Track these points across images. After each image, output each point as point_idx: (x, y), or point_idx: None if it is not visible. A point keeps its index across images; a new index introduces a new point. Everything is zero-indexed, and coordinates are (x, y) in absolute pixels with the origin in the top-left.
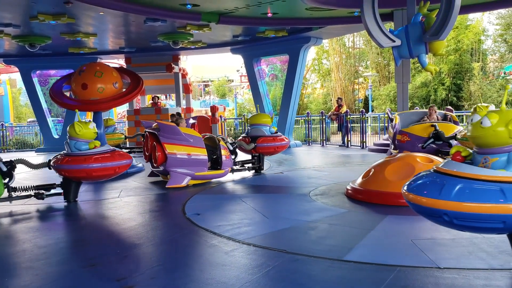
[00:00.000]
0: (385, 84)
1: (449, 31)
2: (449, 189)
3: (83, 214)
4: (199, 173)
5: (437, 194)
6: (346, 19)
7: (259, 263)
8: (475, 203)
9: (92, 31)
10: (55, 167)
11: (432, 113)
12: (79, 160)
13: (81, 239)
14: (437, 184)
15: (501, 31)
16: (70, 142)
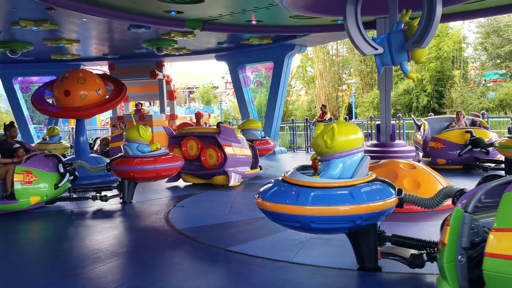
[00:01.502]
0: (368, 91)
1: (431, 39)
2: (305, 196)
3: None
4: (247, 172)
5: (297, 201)
6: (329, 27)
7: (244, 271)
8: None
9: (75, 37)
10: (121, 169)
11: (460, 118)
12: (150, 161)
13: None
14: (290, 193)
15: (481, 39)
16: (130, 145)
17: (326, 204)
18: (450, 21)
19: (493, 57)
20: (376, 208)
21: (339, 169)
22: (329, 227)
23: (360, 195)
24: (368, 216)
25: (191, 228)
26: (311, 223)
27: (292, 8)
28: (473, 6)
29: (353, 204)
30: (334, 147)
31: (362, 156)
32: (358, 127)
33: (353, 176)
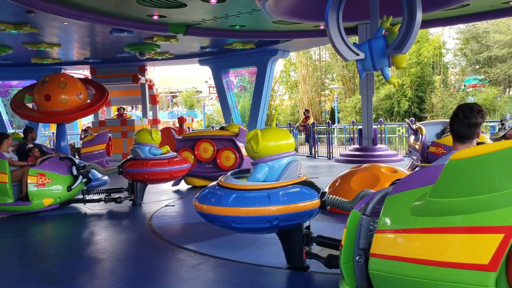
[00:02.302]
0: (350, 96)
1: (411, 45)
2: (226, 198)
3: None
4: None
5: (220, 202)
6: (312, 33)
7: (226, 276)
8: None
9: (56, 41)
10: (135, 172)
11: None
12: (164, 163)
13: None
14: (217, 195)
15: (460, 45)
16: (142, 148)
17: (244, 205)
18: (430, 27)
19: (472, 63)
20: (293, 209)
21: (264, 172)
22: (249, 227)
23: (277, 197)
24: (285, 217)
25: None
26: (232, 223)
27: (274, 13)
28: (453, 12)
29: (269, 205)
30: (260, 152)
31: (289, 160)
32: (288, 133)
33: (279, 179)
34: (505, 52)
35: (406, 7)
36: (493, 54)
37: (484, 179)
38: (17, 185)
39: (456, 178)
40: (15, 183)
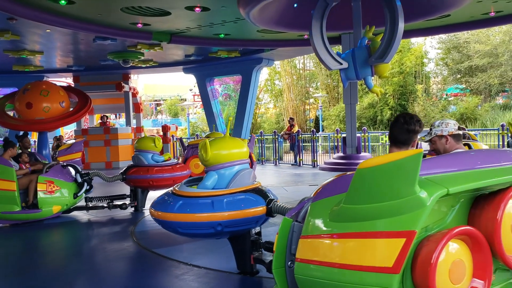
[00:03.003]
0: (334, 104)
1: (393, 54)
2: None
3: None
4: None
5: (168, 209)
6: (296, 42)
7: (210, 286)
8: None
9: (39, 48)
10: (139, 178)
11: None
12: (168, 170)
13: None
14: (167, 202)
15: (442, 55)
16: (145, 155)
17: (189, 211)
18: (412, 37)
19: (453, 72)
20: (236, 216)
21: (213, 180)
22: (194, 232)
23: (221, 204)
24: (228, 224)
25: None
26: (178, 228)
27: (259, 22)
28: (434, 23)
29: (212, 212)
30: (209, 160)
31: (240, 168)
32: (241, 142)
33: (228, 186)
34: (485, 62)
35: (389, 18)
36: (473, 64)
37: (387, 187)
38: (21, 193)
39: (363, 186)
40: (20, 191)
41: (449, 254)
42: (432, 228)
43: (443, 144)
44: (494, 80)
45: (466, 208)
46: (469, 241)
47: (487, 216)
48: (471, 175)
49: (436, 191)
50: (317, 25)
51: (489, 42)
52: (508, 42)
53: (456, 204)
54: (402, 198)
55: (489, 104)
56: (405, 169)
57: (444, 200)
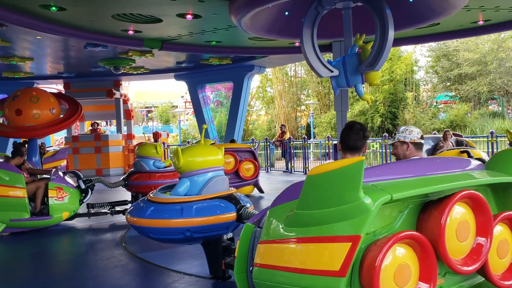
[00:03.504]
0: (325, 111)
1: (384, 62)
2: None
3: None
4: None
5: (140, 214)
6: (287, 49)
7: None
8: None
9: (29, 55)
10: (141, 184)
11: (448, 137)
12: (170, 176)
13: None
14: (140, 208)
15: (432, 63)
16: (146, 161)
17: (159, 217)
18: (402, 45)
19: (443, 80)
20: (205, 222)
21: (186, 187)
22: (165, 238)
23: (190, 211)
24: (197, 229)
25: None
26: (150, 234)
27: (250, 30)
28: (424, 31)
29: (181, 218)
30: (182, 167)
31: (213, 175)
32: (215, 149)
33: (200, 193)
34: (475, 70)
35: (379, 26)
36: (463, 72)
37: (334, 193)
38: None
39: (312, 192)
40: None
41: (394, 258)
42: (380, 233)
43: (404, 150)
44: (483, 88)
45: (415, 213)
46: (415, 246)
47: (432, 221)
48: (416, 182)
49: (380, 197)
50: (308, 33)
51: (478, 50)
52: (496, 50)
53: (405, 210)
54: (348, 203)
55: (479, 112)
56: (349, 176)
57: (392, 206)
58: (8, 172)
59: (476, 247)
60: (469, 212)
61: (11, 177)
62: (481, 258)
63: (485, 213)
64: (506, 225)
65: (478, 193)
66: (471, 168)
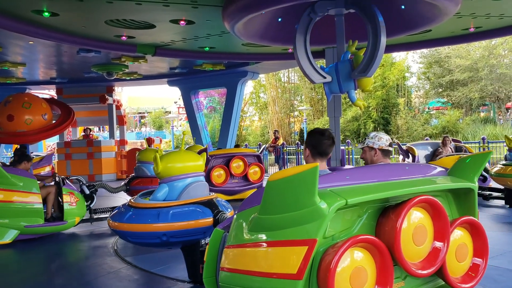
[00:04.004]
0: (319, 117)
1: (376, 68)
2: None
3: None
4: None
5: (120, 219)
6: (280, 56)
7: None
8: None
9: (21, 60)
10: (144, 189)
11: (447, 143)
12: None
13: None
14: (121, 213)
15: (424, 69)
16: (147, 166)
17: (136, 222)
18: (394, 52)
19: (435, 86)
20: (181, 227)
21: (164, 192)
22: (142, 241)
23: (166, 215)
24: (173, 234)
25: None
26: (128, 237)
27: (243, 36)
28: (416, 37)
29: (157, 222)
30: (161, 173)
31: (192, 180)
32: (195, 155)
33: (178, 198)
34: (466, 76)
35: (371, 33)
36: (454, 78)
37: (291, 198)
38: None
39: (272, 197)
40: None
41: (350, 261)
42: (339, 236)
43: (371, 155)
44: (475, 94)
45: (374, 218)
46: (372, 249)
47: (389, 226)
48: (372, 187)
49: (335, 202)
50: (301, 40)
51: (470, 57)
52: (487, 57)
53: (364, 215)
54: (304, 208)
55: (470, 118)
56: (305, 181)
57: (351, 210)
58: (21, 177)
59: (433, 251)
60: (427, 217)
61: (25, 183)
62: (437, 262)
63: (442, 218)
64: (465, 230)
65: (434, 199)
66: (432, 174)
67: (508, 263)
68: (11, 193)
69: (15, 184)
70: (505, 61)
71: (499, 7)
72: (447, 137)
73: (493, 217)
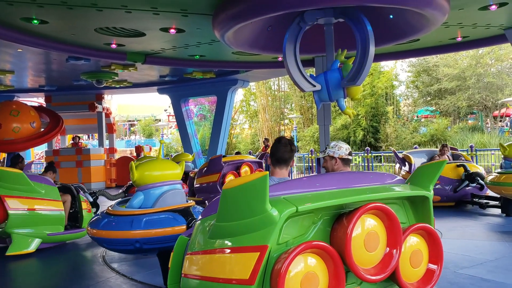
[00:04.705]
0: (308, 125)
1: (365, 77)
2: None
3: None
4: None
5: (96, 226)
6: (270, 64)
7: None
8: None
9: (10, 68)
10: None
11: (445, 152)
12: None
13: None
14: (98, 220)
15: (412, 78)
16: None
17: (111, 229)
18: (383, 61)
19: (424, 95)
20: (153, 234)
21: (139, 200)
22: (117, 248)
23: (139, 223)
24: (145, 241)
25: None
26: (104, 244)
27: (234, 44)
28: (404, 47)
29: (130, 230)
30: (136, 181)
31: (168, 188)
32: (172, 164)
33: (153, 206)
34: (454, 85)
35: (360, 42)
36: (443, 87)
37: (244, 206)
38: None
39: (227, 205)
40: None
41: (301, 267)
42: (293, 243)
43: (332, 164)
44: (463, 102)
45: (329, 225)
46: (324, 255)
47: (340, 232)
48: (325, 195)
49: (285, 209)
50: (290, 48)
51: (457, 66)
52: (475, 66)
53: (318, 221)
54: (256, 216)
55: (458, 126)
56: (256, 189)
57: (306, 217)
58: (44, 185)
59: (385, 257)
60: (380, 224)
61: (47, 190)
62: (389, 268)
63: (394, 225)
64: (421, 236)
65: (386, 206)
66: (389, 182)
67: (486, 272)
68: (35, 200)
69: (38, 191)
70: (492, 70)
71: (485, 17)
72: (445, 146)
73: (487, 225)
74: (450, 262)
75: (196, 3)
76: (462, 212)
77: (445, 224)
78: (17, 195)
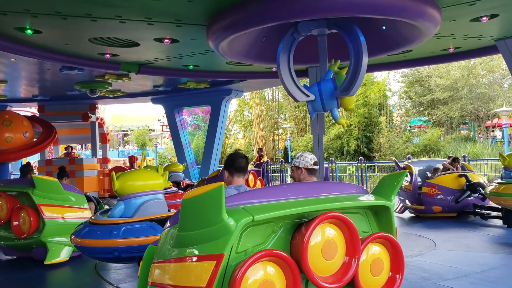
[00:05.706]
0: (302, 135)
1: (358, 87)
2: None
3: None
4: None
5: (79, 235)
6: (264, 74)
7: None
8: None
9: (2, 77)
10: None
11: (456, 166)
12: (171, 197)
13: None
14: (80, 229)
15: (405, 88)
16: None
17: (92, 237)
18: (376, 71)
19: (416, 105)
20: (131, 243)
21: (120, 209)
22: (97, 256)
23: (118, 232)
24: (124, 250)
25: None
26: (85, 252)
27: (228, 54)
28: (397, 57)
29: (109, 238)
30: (118, 191)
31: (148, 198)
32: (154, 174)
33: (133, 215)
34: (446, 96)
35: (353, 52)
36: (435, 97)
37: (202, 215)
38: None
39: (187, 215)
40: None
41: (259, 275)
42: (251, 251)
43: (298, 174)
44: (455, 113)
45: (289, 233)
46: (281, 263)
47: (298, 241)
48: (284, 204)
49: (242, 218)
50: (284, 59)
51: (450, 76)
52: (467, 76)
53: (278, 230)
54: (213, 225)
55: (451, 136)
56: (213, 199)
57: (266, 226)
58: (73, 193)
59: (343, 265)
60: (339, 233)
61: (77, 198)
62: (347, 276)
63: (352, 234)
64: (382, 245)
65: (343, 215)
66: (351, 192)
67: (468, 284)
68: (67, 209)
69: (69, 200)
70: (483, 80)
71: (476, 28)
72: (457, 160)
73: (485, 237)
74: (435, 273)
75: (190, 13)
76: (463, 223)
77: (441, 235)
78: (51, 204)
